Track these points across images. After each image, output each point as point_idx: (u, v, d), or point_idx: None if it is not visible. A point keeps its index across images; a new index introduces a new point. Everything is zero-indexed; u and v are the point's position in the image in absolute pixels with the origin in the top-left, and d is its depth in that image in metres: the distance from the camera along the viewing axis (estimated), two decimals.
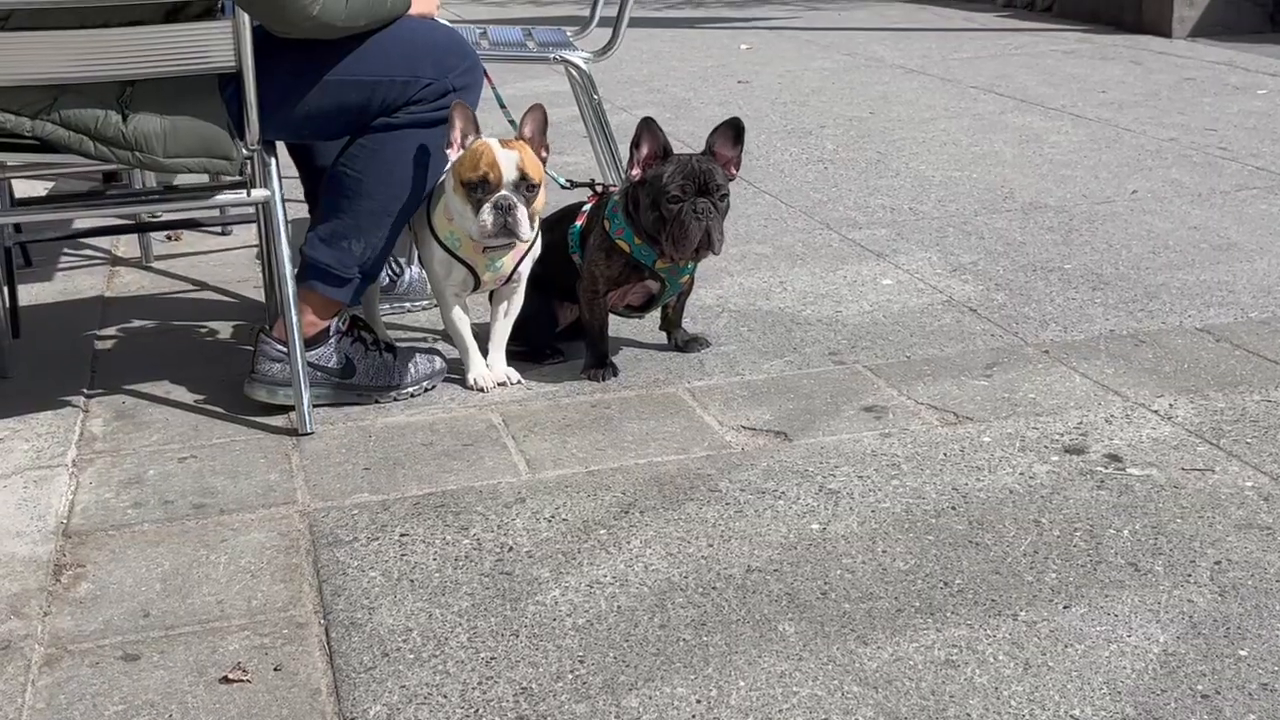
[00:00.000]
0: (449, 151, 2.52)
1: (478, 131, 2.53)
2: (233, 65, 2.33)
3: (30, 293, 3.38)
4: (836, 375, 2.70)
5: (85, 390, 2.73)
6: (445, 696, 1.69)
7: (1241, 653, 1.73)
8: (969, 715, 1.62)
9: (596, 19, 3.94)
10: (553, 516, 2.15)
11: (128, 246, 3.82)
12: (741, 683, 1.69)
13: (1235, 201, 3.83)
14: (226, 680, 1.74)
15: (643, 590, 1.92)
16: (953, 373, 2.69)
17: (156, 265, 3.62)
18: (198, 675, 1.76)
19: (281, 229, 2.49)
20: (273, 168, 2.49)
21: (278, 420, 2.56)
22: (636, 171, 2.60)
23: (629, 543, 2.06)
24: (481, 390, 2.67)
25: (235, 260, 3.66)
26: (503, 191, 2.49)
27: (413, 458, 2.39)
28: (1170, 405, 2.49)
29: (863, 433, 2.43)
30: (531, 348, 2.82)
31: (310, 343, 2.56)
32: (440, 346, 2.91)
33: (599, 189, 2.79)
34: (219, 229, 3.88)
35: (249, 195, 2.51)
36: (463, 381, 2.71)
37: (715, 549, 2.03)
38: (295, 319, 2.48)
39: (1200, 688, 1.66)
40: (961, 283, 3.24)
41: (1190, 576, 1.91)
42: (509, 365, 2.73)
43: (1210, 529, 2.04)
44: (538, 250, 2.69)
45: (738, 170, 2.60)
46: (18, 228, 3.32)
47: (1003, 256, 3.43)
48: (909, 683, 1.68)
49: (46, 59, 2.26)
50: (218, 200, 2.57)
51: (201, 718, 1.67)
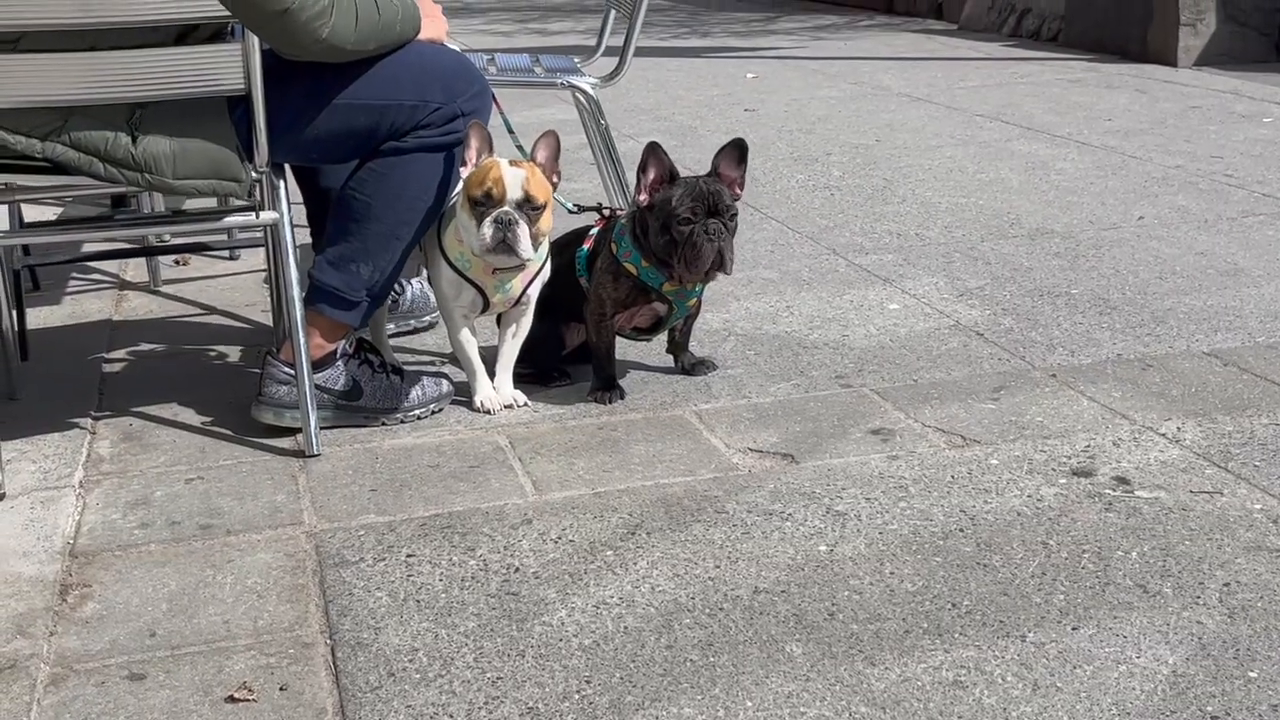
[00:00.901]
0: (463, 170, 2.54)
1: (492, 151, 2.54)
2: (242, 88, 2.35)
3: (39, 316, 3.39)
4: (843, 398, 2.71)
5: (93, 412, 2.74)
6: (451, 716, 1.69)
7: (1251, 674, 1.72)
8: None
9: (603, 48, 3.96)
10: (559, 538, 2.15)
11: (136, 270, 3.83)
12: (749, 703, 1.69)
13: (1242, 228, 3.83)
14: (232, 700, 1.74)
15: (649, 611, 1.92)
16: (960, 396, 2.70)
17: (165, 289, 3.64)
18: (203, 695, 1.76)
19: (290, 251, 2.50)
20: (281, 190, 2.51)
21: (284, 442, 2.56)
22: (644, 196, 2.61)
23: (636, 564, 2.06)
24: (488, 412, 2.68)
25: (243, 284, 3.67)
26: (505, 208, 2.50)
27: (419, 479, 2.39)
28: (1178, 429, 2.48)
29: (870, 455, 2.43)
30: (538, 370, 2.83)
31: (317, 365, 2.57)
32: (447, 369, 2.91)
33: (606, 213, 2.80)
34: (227, 253, 3.89)
35: (258, 218, 2.52)
36: (469, 404, 2.71)
37: (722, 570, 2.03)
38: (302, 341, 2.49)
39: (1210, 709, 1.65)
40: (968, 307, 3.24)
41: (1199, 598, 1.90)
42: (516, 388, 2.74)
43: (1219, 551, 2.03)
44: (547, 273, 2.70)
45: (742, 190, 2.62)
46: (26, 250, 3.33)
47: (1009, 281, 3.43)
48: (917, 704, 1.68)
49: (57, 81, 2.28)
50: (226, 223, 2.59)
51: None
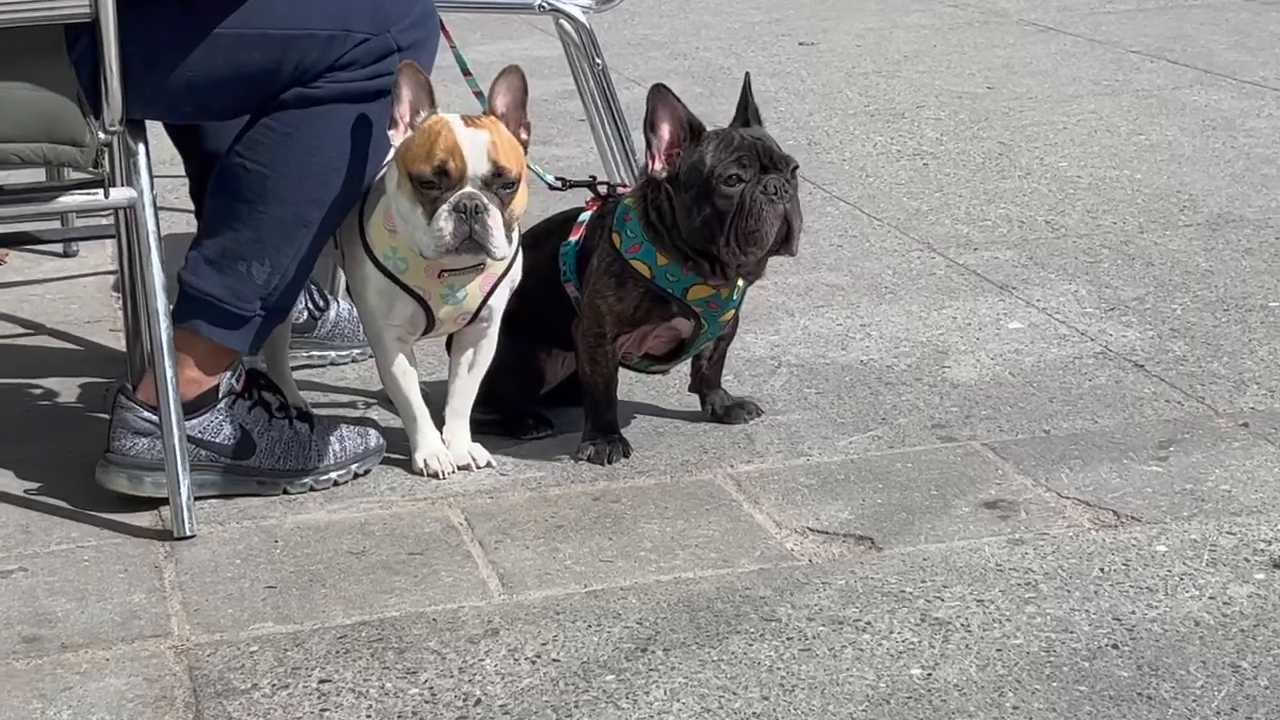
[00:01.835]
0: (392, 133, 2.55)
1: (433, 105, 2.55)
2: (87, 12, 2.36)
3: None
4: (944, 457, 2.71)
5: None
6: None
7: None
8: None
9: None
10: (538, 656, 2.15)
11: None
12: None
13: None
14: None
15: None
16: (1111, 454, 2.69)
17: None
18: None
19: (153, 246, 2.50)
20: (141, 158, 2.51)
21: (144, 518, 2.56)
22: (660, 164, 2.62)
23: (648, 694, 2.05)
24: (435, 476, 2.68)
25: (83, 292, 3.68)
26: (467, 188, 2.51)
27: (338, 572, 2.38)
28: None
29: (983, 538, 2.42)
30: (507, 415, 2.83)
31: (191, 409, 2.57)
32: (376, 414, 2.91)
33: (602, 190, 2.82)
34: (61, 247, 3.91)
35: (106, 197, 2.53)
36: (408, 464, 2.71)
37: (773, 704, 2.02)
38: (170, 374, 2.50)
39: None
40: (1122, 327, 3.24)
41: None
42: (475, 441, 2.74)
43: None
44: (517, 275, 2.71)
45: None
46: None
47: (1181, 290, 3.44)
48: None
49: None
50: (60, 204, 2.59)
51: None
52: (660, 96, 2.61)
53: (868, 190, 4.25)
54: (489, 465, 2.72)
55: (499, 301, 2.69)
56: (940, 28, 6.41)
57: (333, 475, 2.66)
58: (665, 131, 2.62)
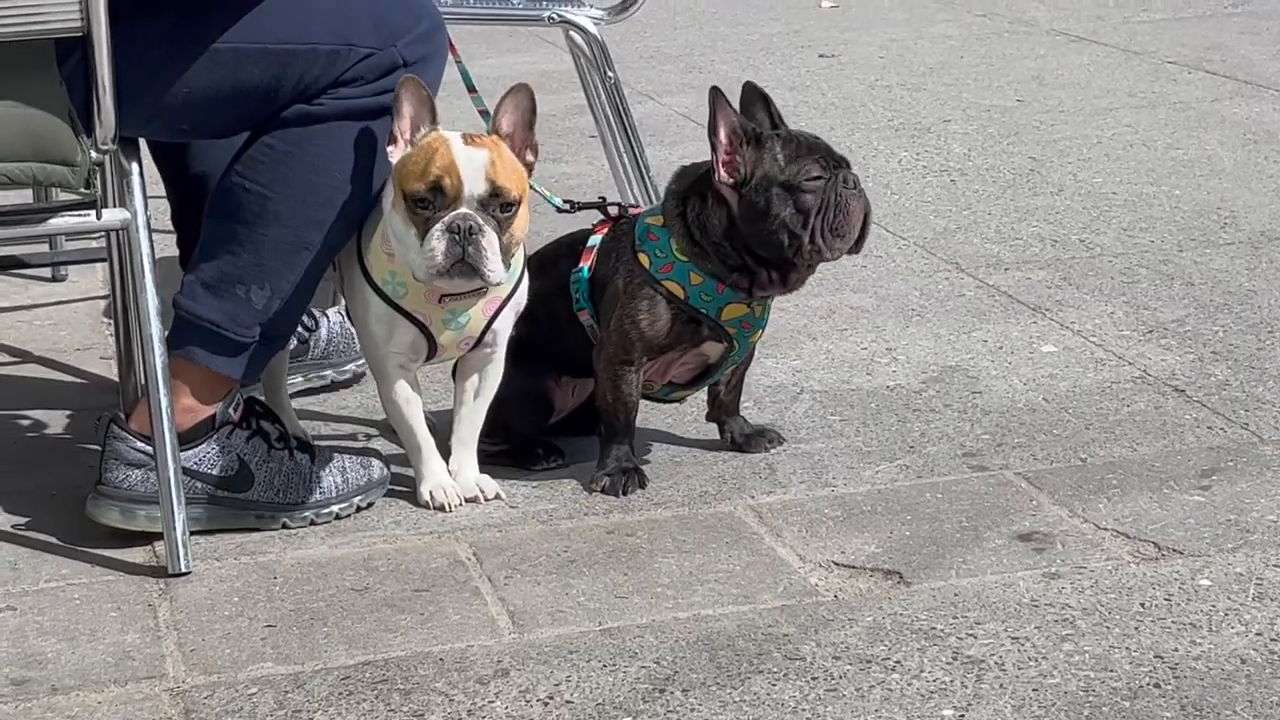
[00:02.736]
0: (391, 150, 2.55)
1: (435, 121, 2.56)
2: (78, 26, 2.37)
3: None
4: (976, 487, 2.70)
5: None
6: None
7: None
8: None
9: None
10: (551, 697, 2.14)
11: None
12: None
13: None
14: None
15: None
16: (1151, 483, 2.69)
17: None
18: None
19: (147, 269, 2.51)
20: (134, 178, 2.52)
21: (137, 554, 2.56)
22: (724, 172, 2.64)
23: None
24: (441, 508, 2.68)
25: (74, 318, 3.68)
26: (462, 209, 2.51)
27: (340, 610, 2.38)
28: None
29: (1017, 572, 2.42)
30: (515, 445, 2.83)
31: (186, 439, 2.58)
32: (379, 444, 2.92)
33: (613, 212, 2.81)
34: (50, 271, 3.91)
35: (98, 219, 2.53)
36: (413, 496, 2.72)
37: None
38: (164, 404, 2.50)
39: None
40: (1161, 350, 3.24)
41: None
42: (483, 471, 2.74)
43: None
44: (522, 299, 2.71)
45: None
46: None
47: (1223, 311, 3.43)
48: None
49: None
50: (50, 227, 2.60)
51: None
52: (718, 101, 2.65)
53: (893, 208, 4.25)
54: (498, 497, 2.72)
55: (504, 326, 2.69)
56: (967, 38, 6.41)
57: (334, 508, 2.66)
58: (724, 137, 2.65)
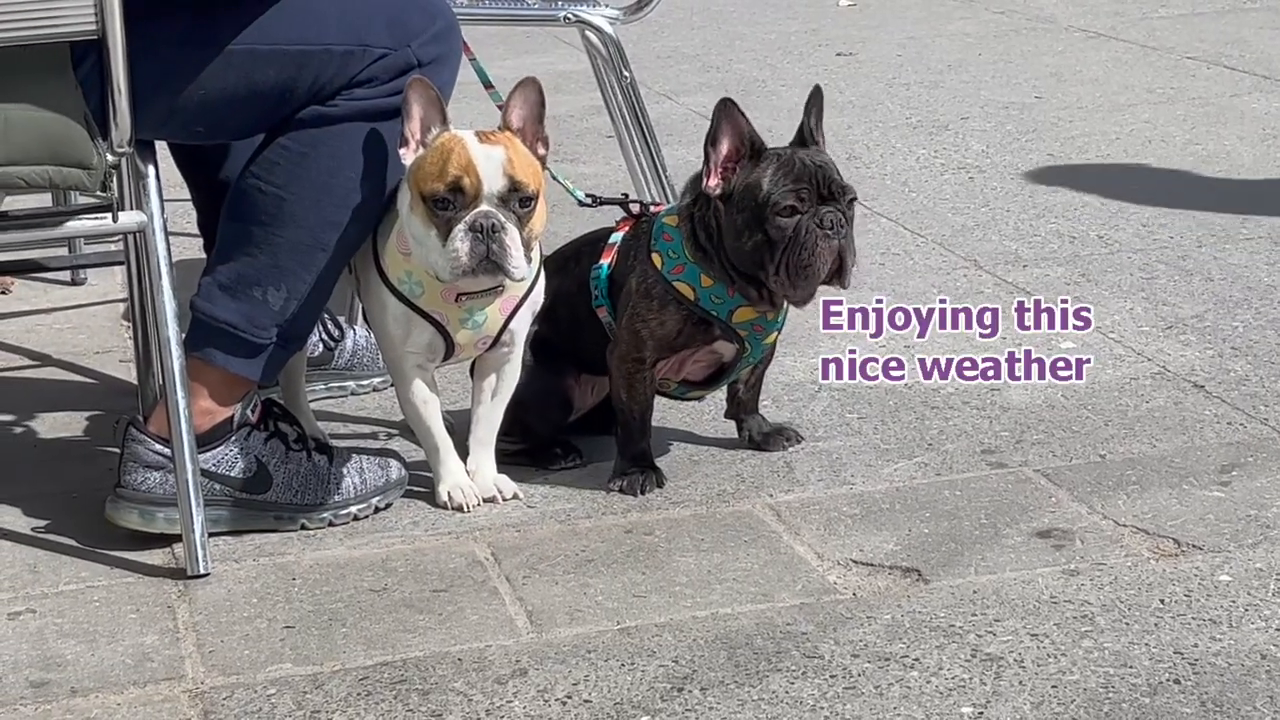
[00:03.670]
0: (403, 152, 2.56)
1: (445, 122, 2.56)
2: (92, 29, 2.37)
3: None
4: (994, 484, 2.70)
5: None
6: None
7: None
8: None
9: None
10: (569, 697, 2.14)
11: None
12: None
13: None
14: None
15: None
16: (1171, 479, 2.68)
17: None
18: None
19: (164, 272, 2.51)
20: (151, 181, 2.53)
21: (156, 556, 2.57)
22: (715, 181, 2.63)
23: None
24: (459, 509, 2.68)
25: (92, 321, 3.69)
26: (483, 207, 2.51)
27: (358, 611, 2.39)
28: None
29: (1037, 569, 2.42)
30: (533, 445, 2.83)
31: (205, 441, 2.58)
32: (397, 445, 2.92)
33: (635, 209, 2.82)
34: (69, 275, 3.93)
35: (115, 222, 2.54)
36: (431, 496, 2.72)
37: None
38: (182, 406, 2.50)
39: None
40: (1181, 346, 3.23)
41: None
42: (501, 471, 2.75)
43: None
44: (540, 298, 2.71)
45: None
46: None
47: (1242, 306, 3.43)
48: None
49: None
50: (67, 230, 2.61)
51: None
52: (725, 110, 2.62)
53: (910, 206, 4.24)
54: (516, 497, 2.72)
55: (521, 325, 2.69)
56: (985, 35, 6.40)
57: (352, 509, 2.66)
58: (725, 146, 2.63)
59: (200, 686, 2.21)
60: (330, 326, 3.17)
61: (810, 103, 2.67)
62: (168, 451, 2.54)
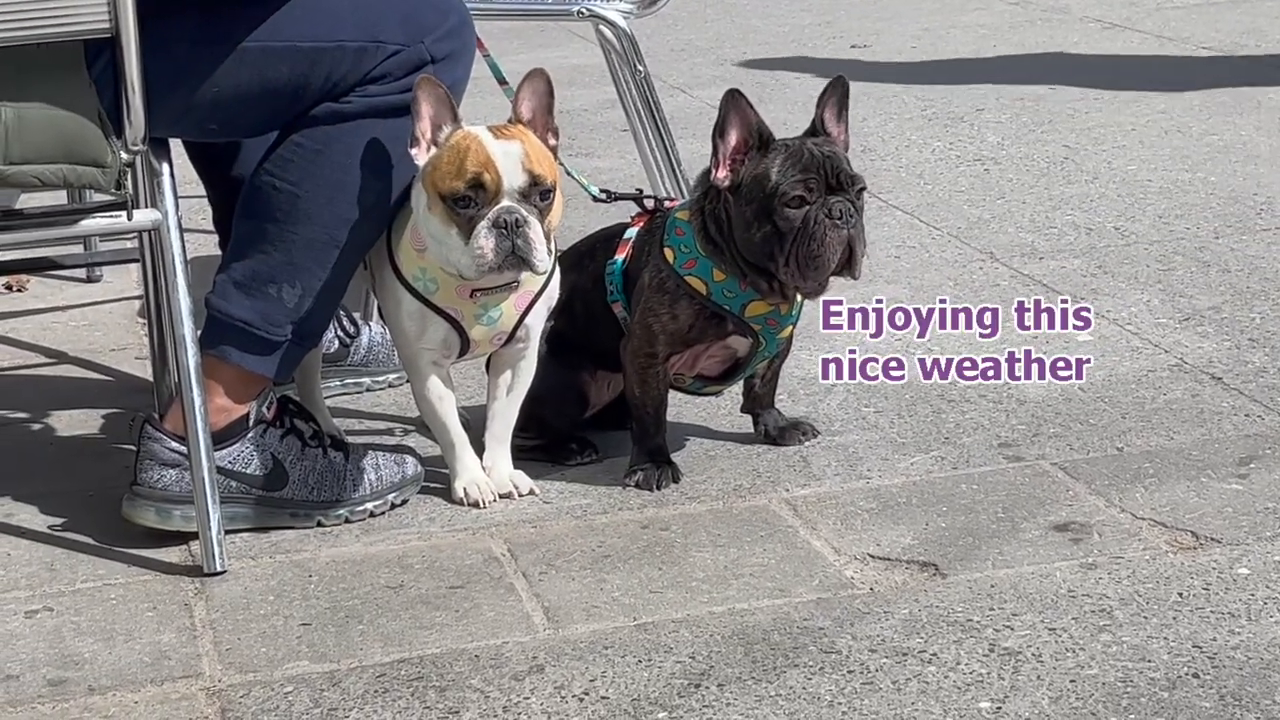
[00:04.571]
0: (415, 152, 2.56)
1: (456, 120, 2.56)
2: (106, 27, 2.38)
3: None
4: (1011, 478, 2.70)
5: None
6: None
7: None
8: None
9: None
10: (586, 693, 2.15)
11: None
12: None
13: None
14: None
15: None
16: (1189, 472, 2.68)
17: None
18: None
19: (179, 269, 2.52)
20: (165, 179, 2.53)
21: (173, 553, 2.57)
22: (723, 173, 2.63)
23: None
24: (475, 505, 2.69)
25: (108, 319, 3.70)
26: (504, 202, 2.51)
27: (375, 607, 2.39)
28: None
29: (1054, 563, 2.41)
30: (549, 441, 2.84)
31: (220, 438, 2.59)
32: (413, 441, 2.92)
33: (649, 205, 2.82)
34: (84, 273, 3.93)
35: (130, 220, 2.54)
36: (447, 493, 2.72)
37: None
38: (198, 403, 2.51)
39: None
40: (1198, 337, 3.23)
41: None
42: (517, 467, 2.75)
43: None
44: (555, 293, 2.71)
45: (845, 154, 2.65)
46: None
47: (1259, 297, 3.42)
48: None
49: None
50: (83, 228, 2.61)
51: None
52: (733, 101, 2.62)
53: (926, 198, 4.23)
54: (532, 493, 2.72)
55: (536, 321, 2.69)
56: (1000, 26, 6.39)
57: (369, 506, 2.66)
58: (733, 138, 2.63)
59: (217, 684, 2.22)
60: (345, 323, 3.17)
61: (828, 93, 2.67)
62: (184, 449, 2.54)
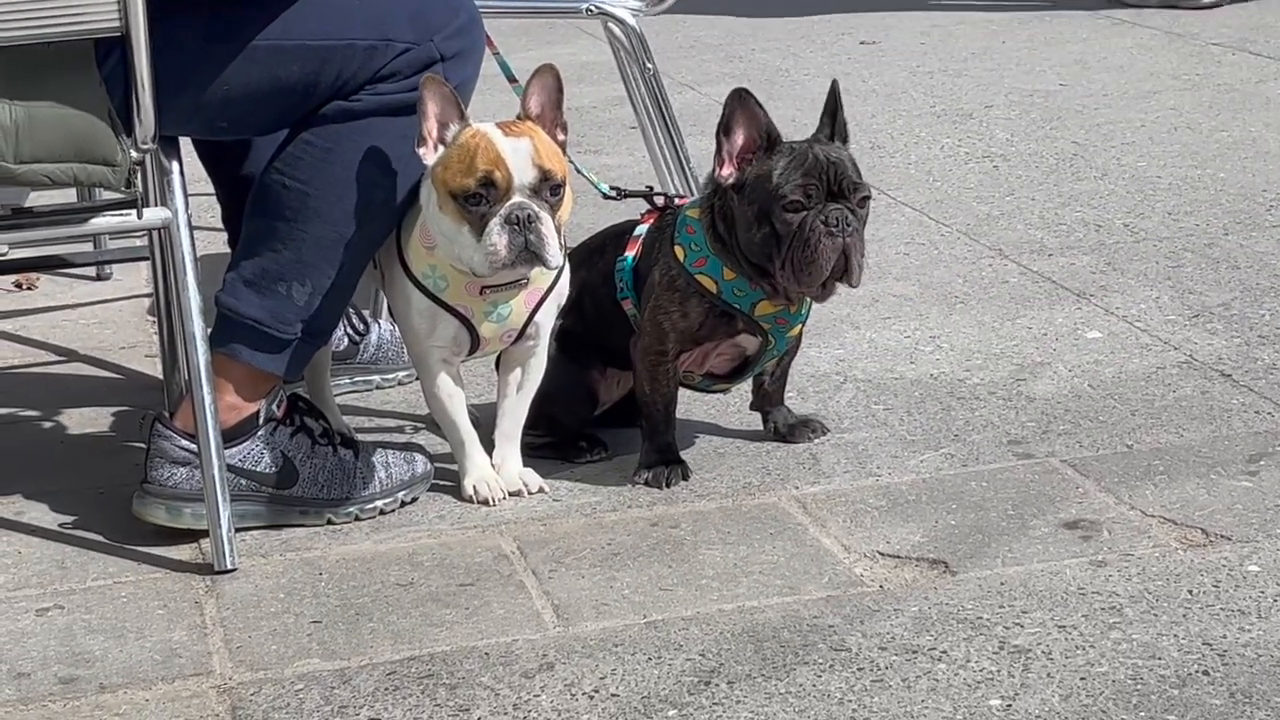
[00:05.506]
0: (422, 151, 2.56)
1: (463, 118, 2.56)
2: (116, 26, 2.38)
3: None
4: (1021, 475, 2.70)
5: None
6: None
7: None
8: None
9: None
10: (596, 691, 2.15)
11: None
12: None
13: None
14: None
15: None
16: (1199, 469, 2.68)
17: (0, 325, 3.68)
18: None
19: (189, 267, 2.52)
20: (175, 177, 2.54)
21: (183, 551, 2.57)
22: (729, 171, 2.63)
23: None
24: (485, 503, 2.69)
25: (117, 317, 3.71)
26: (516, 199, 2.51)
27: (385, 605, 2.39)
28: None
29: (1064, 560, 2.41)
30: (559, 438, 2.84)
31: (231, 436, 2.59)
32: (423, 439, 2.92)
33: (659, 202, 2.82)
34: (94, 270, 3.94)
35: (140, 218, 2.55)
36: (456, 490, 2.72)
37: None
38: (208, 401, 2.51)
39: None
40: (1207, 334, 3.23)
41: None
42: (527, 465, 2.75)
43: None
44: (564, 290, 2.71)
45: None
46: None
47: (1269, 294, 3.42)
48: None
49: None
50: (93, 226, 2.61)
51: None
52: (739, 100, 2.62)
53: (935, 195, 4.23)
54: (541, 490, 2.72)
55: (546, 318, 2.70)
56: (1009, 22, 6.39)
57: (379, 504, 2.67)
58: (740, 137, 2.63)
59: (228, 682, 2.22)
60: (355, 321, 3.17)
61: (828, 100, 2.67)
62: (194, 447, 2.54)
